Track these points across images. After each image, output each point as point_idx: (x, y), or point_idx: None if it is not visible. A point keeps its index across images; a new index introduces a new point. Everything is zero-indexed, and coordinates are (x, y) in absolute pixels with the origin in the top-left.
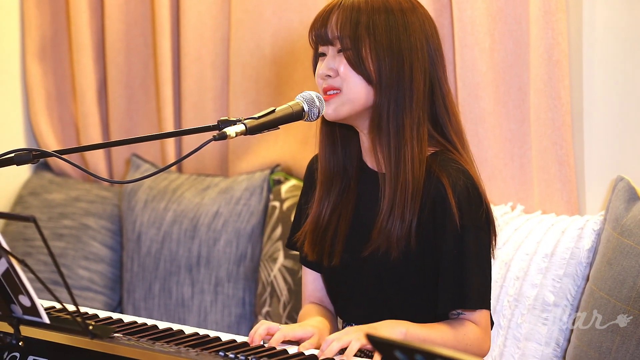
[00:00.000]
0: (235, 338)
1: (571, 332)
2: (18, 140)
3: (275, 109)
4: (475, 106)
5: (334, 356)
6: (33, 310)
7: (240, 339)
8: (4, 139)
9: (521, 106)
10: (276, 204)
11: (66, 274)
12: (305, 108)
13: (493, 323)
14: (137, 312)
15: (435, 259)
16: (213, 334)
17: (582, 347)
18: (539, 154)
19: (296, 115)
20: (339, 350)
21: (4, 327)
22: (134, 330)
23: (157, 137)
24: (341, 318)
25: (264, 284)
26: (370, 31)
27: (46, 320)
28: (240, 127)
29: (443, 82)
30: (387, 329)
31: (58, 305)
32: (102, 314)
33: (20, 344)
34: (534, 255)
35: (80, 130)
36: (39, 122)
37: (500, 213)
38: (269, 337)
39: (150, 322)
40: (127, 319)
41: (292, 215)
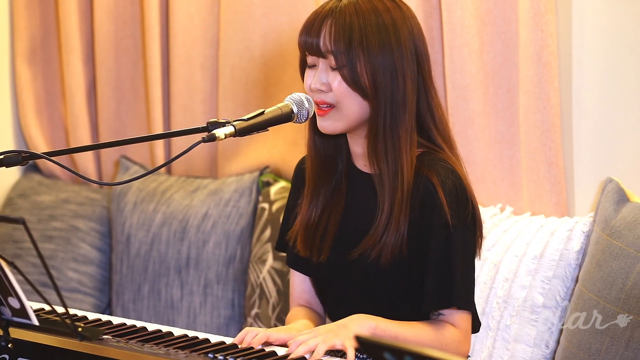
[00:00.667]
0: (225, 340)
1: (560, 334)
2: (7, 142)
3: (264, 111)
4: (465, 107)
5: (304, 355)
6: (22, 312)
7: (229, 340)
8: None
9: (510, 108)
10: (265, 205)
11: (55, 275)
12: (295, 110)
13: (480, 325)
14: (126, 314)
15: (422, 256)
16: (202, 335)
17: (572, 349)
18: (528, 155)
19: (285, 117)
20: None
21: None
22: (123, 332)
23: (147, 139)
24: (330, 318)
25: (253, 286)
26: (364, 45)
27: (35, 322)
28: (229, 129)
29: (430, 88)
30: (356, 324)
31: (47, 307)
32: (91, 316)
33: (9, 346)
34: (523, 257)
35: (69, 132)
36: (28, 124)
37: (490, 214)
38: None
39: (139, 324)
40: (116, 320)
41: (281, 217)
